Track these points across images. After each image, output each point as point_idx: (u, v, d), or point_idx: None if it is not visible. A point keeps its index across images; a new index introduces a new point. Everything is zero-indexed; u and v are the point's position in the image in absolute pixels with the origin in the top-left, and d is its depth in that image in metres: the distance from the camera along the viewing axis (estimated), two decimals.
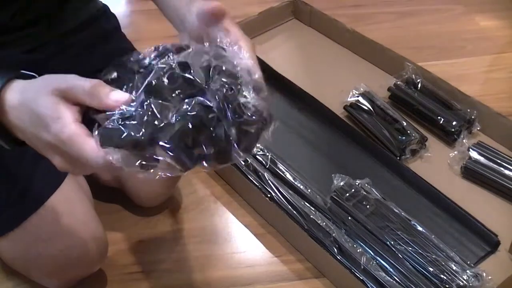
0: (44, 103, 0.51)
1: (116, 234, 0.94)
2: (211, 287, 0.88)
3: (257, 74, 0.55)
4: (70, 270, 0.80)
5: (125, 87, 0.53)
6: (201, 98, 0.48)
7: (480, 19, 1.58)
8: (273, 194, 0.93)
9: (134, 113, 0.49)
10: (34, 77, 0.56)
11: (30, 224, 0.74)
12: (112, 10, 0.99)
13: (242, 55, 0.55)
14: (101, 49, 0.93)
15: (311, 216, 0.89)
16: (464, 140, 1.07)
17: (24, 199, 0.75)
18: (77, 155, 0.50)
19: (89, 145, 0.50)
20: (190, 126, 0.46)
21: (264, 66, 1.36)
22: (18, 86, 0.55)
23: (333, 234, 0.86)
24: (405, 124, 1.10)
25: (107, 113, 0.50)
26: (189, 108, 0.47)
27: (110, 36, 0.95)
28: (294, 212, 0.90)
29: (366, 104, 1.14)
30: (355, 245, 0.85)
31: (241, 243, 0.95)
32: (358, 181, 0.95)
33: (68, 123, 0.50)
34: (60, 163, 0.53)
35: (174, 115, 0.47)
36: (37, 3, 0.82)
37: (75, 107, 0.52)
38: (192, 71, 0.50)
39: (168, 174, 0.49)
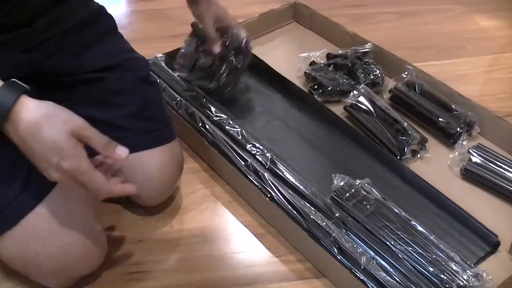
0: (64, 139, 0.65)
1: (116, 234, 0.94)
2: (211, 287, 0.88)
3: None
4: (69, 269, 0.80)
5: None
6: None
7: (480, 19, 1.58)
8: (273, 194, 0.93)
9: None
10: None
11: (27, 222, 0.74)
12: (112, 10, 0.99)
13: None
14: (98, 49, 0.93)
15: (311, 216, 0.89)
16: (464, 143, 1.07)
17: (22, 197, 0.74)
18: (89, 181, 0.68)
19: (99, 175, 0.68)
20: None
21: (264, 66, 1.37)
22: (33, 105, 0.66)
23: (333, 234, 0.86)
24: (405, 124, 1.10)
25: None
26: None
27: (107, 36, 0.95)
28: (294, 212, 0.90)
29: (366, 105, 1.14)
30: (355, 245, 0.85)
31: (241, 243, 0.95)
32: (358, 181, 0.95)
33: (84, 158, 0.67)
34: (61, 179, 0.68)
35: None
36: (33, 1, 0.82)
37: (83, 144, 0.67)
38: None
39: None
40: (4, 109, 0.64)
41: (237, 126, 1.05)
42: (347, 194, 0.93)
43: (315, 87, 1.21)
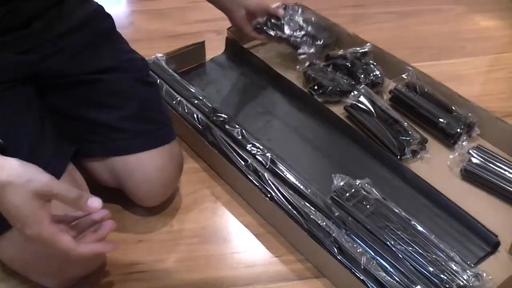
0: (27, 204, 0.62)
1: (116, 234, 0.94)
2: (211, 287, 0.88)
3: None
4: (68, 270, 0.80)
5: None
6: None
7: (480, 19, 1.58)
8: (273, 194, 0.93)
9: None
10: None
11: None
12: (112, 10, 0.99)
13: None
14: (96, 50, 0.93)
15: (311, 216, 0.89)
16: (464, 143, 1.07)
17: None
18: (54, 247, 0.64)
19: (65, 240, 0.65)
20: None
21: (264, 66, 1.37)
22: None
23: (333, 234, 0.86)
24: (405, 124, 1.10)
25: None
26: None
27: (105, 36, 0.95)
28: (294, 212, 0.90)
29: (366, 105, 1.14)
30: (355, 245, 0.85)
31: (241, 243, 0.95)
32: (358, 181, 0.95)
33: (46, 224, 0.63)
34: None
35: None
36: (29, 4, 0.82)
37: (49, 204, 0.65)
38: None
39: None
40: None
41: (237, 126, 1.05)
42: (347, 194, 0.93)
43: (315, 87, 1.21)
